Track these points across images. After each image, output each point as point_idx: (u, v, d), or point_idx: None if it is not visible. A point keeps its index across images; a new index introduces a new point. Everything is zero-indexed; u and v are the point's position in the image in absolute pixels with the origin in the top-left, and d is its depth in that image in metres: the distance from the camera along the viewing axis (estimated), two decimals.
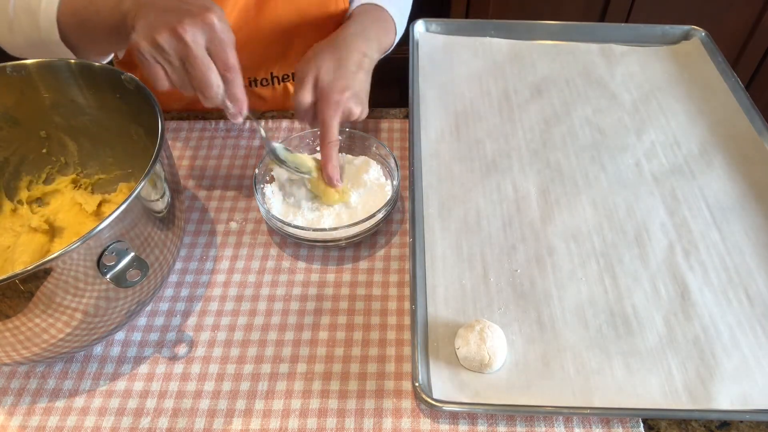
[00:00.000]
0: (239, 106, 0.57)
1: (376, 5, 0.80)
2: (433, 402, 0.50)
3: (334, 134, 0.63)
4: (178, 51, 0.52)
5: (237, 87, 0.56)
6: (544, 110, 0.80)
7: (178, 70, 0.53)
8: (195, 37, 0.52)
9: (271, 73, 0.88)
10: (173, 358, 0.56)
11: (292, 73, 0.89)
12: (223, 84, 0.55)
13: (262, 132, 0.64)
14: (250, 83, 0.88)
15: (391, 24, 0.80)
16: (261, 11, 0.81)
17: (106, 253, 0.45)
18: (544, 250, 0.63)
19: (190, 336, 0.58)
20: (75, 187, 0.66)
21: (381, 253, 0.65)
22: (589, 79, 0.85)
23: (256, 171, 0.65)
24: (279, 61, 0.87)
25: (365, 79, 0.68)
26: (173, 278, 0.62)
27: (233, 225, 0.68)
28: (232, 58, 0.54)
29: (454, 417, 0.52)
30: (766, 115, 0.77)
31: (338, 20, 0.85)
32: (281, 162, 0.64)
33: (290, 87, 0.90)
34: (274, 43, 0.85)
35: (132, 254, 0.46)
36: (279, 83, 0.89)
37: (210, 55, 0.53)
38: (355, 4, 0.83)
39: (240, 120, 0.58)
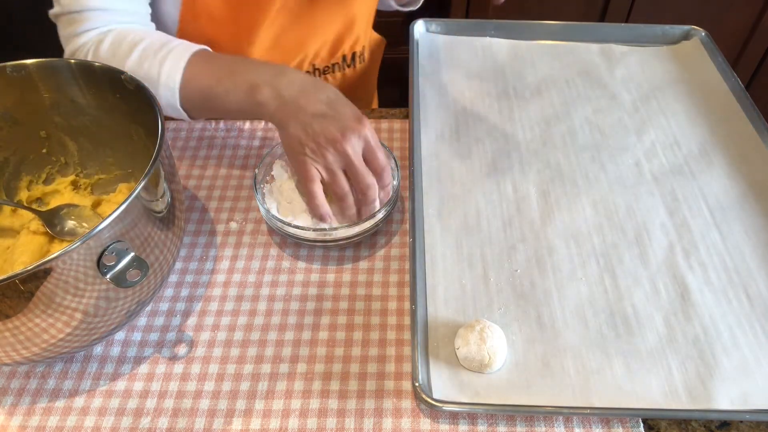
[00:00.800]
0: (387, 194, 0.63)
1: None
2: (433, 402, 0.50)
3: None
4: (342, 162, 0.58)
5: (389, 183, 0.62)
6: (544, 110, 0.80)
7: (338, 176, 0.59)
8: (355, 149, 0.58)
9: (313, 65, 0.89)
10: (173, 358, 0.56)
11: (334, 64, 0.92)
12: (379, 182, 0.61)
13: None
14: None
15: None
16: (311, 11, 0.82)
17: (106, 253, 0.45)
18: (544, 250, 0.63)
19: (190, 336, 0.58)
20: (74, 188, 0.66)
21: (381, 253, 0.65)
22: (589, 79, 0.85)
23: (256, 171, 0.65)
24: (324, 53, 0.89)
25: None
26: (173, 278, 0.62)
27: (233, 225, 0.68)
28: (383, 159, 0.60)
29: (454, 417, 0.52)
30: (766, 115, 0.77)
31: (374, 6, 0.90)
32: None
33: (330, 80, 0.93)
34: (322, 36, 0.87)
35: (132, 254, 0.46)
36: (320, 75, 0.91)
37: (365, 160, 0.59)
38: None
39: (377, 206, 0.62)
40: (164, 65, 0.64)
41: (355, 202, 0.61)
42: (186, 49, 0.65)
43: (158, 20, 0.79)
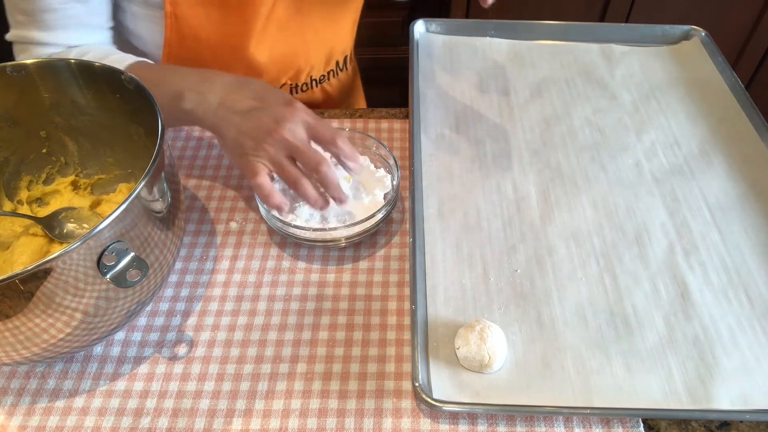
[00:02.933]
0: (356, 159, 0.60)
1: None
2: (433, 402, 0.50)
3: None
4: (285, 150, 0.56)
5: (348, 147, 0.59)
6: (544, 110, 0.80)
7: (284, 164, 0.57)
8: (295, 133, 0.56)
9: (311, 77, 0.89)
10: (173, 358, 0.56)
11: (329, 72, 0.92)
12: (336, 153, 0.59)
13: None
14: (291, 90, 0.89)
15: None
16: (301, 21, 0.81)
17: (106, 253, 0.45)
18: (544, 250, 0.63)
19: (190, 336, 0.58)
20: (74, 188, 0.66)
21: (381, 253, 0.65)
22: (589, 79, 0.85)
23: None
24: (320, 65, 0.89)
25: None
26: (173, 278, 0.62)
27: (233, 225, 0.68)
28: (329, 130, 0.58)
29: (454, 417, 0.52)
30: (766, 115, 0.77)
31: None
32: None
33: (327, 87, 0.93)
34: (316, 48, 0.87)
35: (132, 254, 0.46)
36: (317, 86, 0.91)
37: (312, 140, 0.58)
38: None
39: (361, 169, 0.61)
40: None
41: (315, 186, 0.59)
42: (121, 61, 0.66)
43: (142, 45, 0.79)
